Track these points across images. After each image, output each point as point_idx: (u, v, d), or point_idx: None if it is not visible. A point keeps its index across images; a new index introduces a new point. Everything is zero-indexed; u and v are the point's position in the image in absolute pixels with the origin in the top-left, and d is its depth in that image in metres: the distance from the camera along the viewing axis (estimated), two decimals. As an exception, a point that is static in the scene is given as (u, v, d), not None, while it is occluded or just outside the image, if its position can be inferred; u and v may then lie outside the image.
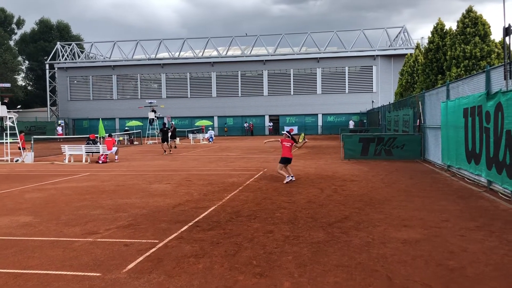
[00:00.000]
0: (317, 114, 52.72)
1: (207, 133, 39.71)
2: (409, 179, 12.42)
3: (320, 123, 52.47)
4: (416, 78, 27.43)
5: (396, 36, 53.00)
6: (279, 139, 12.85)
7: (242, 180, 12.78)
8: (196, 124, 47.85)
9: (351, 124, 48.29)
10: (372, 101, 47.72)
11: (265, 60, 53.03)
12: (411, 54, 30.63)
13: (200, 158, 21.15)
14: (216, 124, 53.98)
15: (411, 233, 6.50)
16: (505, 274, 4.77)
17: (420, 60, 26.93)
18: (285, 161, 12.38)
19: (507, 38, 9.52)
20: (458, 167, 12.62)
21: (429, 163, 16.31)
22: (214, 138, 39.47)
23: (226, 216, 7.95)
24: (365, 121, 48.15)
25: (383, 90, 50.11)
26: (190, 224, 7.37)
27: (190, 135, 40.18)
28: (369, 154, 17.94)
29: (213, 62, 54.15)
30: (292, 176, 12.23)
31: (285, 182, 11.94)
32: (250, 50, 54.56)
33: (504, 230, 6.59)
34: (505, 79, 9.09)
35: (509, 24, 9.31)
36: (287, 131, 13.05)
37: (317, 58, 52.00)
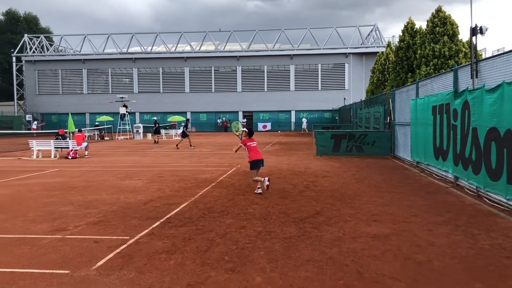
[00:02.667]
0: (290, 111, 53.02)
1: (179, 128, 39.38)
2: (379, 175, 12.65)
3: (293, 119, 52.80)
4: (387, 76, 27.91)
5: (368, 35, 53.74)
6: (241, 143, 10.40)
7: (215, 176, 12.74)
8: (169, 119, 47.37)
9: (304, 122, 49.06)
10: (344, 98, 48.31)
11: (239, 56, 52.91)
12: (382, 52, 31.15)
13: (172, 154, 20.96)
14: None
15: (380, 228, 6.63)
16: (470, 267, 4.93)
17: (391, 58, 27.41)
18: (257, 164, 10.03)
19: (473, 38, 9.80)
20: (426, 163, 12.93)
21: (399, 159, 16.65)
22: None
23: (199, 212, 7.91)
24: (337, 117, 48.73)
25: (355, 87, 50.83)
26: (162, 220, 7.30)
27: (162, 131, 39.79)
28: (340, 151, 18.19)
29: (186, 57, 53.67)
30: (265, 178, 9.85)
31: (259, 191, 9.70)
32: (224, 46, 54.35)
33: (469, 224, 6.80)
34: (471, 77, 9.35)
35: (476, 25, 9.58)
36: (242, 123, 10.74)
37: (290, 55, 52.24)
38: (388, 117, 18.28)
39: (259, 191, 9.69)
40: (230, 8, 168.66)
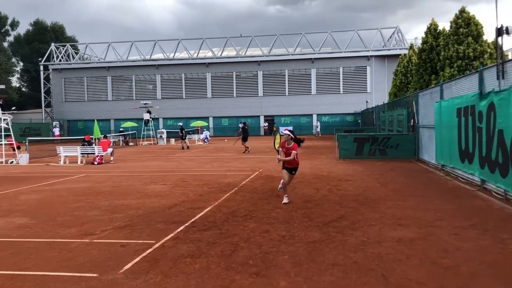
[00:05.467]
0: (312, 115, 52.82)
1: (202, 133, 39.74)
2: (404, 178, 12.50)
3: (315, 123, 52.57)
4: (410, 78, 27.54)
5: (390, 37, 53.22)
6: (280, 148, 9.50)
7: (237, 180, 12.81)
8: (192, 124, 47.81)
9: (318, 126, 49.00)
10: (367, 101, 47.89)
11: (260, 61, 53.07)
12: (405, 54, 30.76)
13: (195, 159, 21.16)
14: (211, 125, 53.96)
15: (406, 232, 6.56)
16: (499, 272, 4.84)
17: (413, 60, 27.06)
18: (292, 170, 9.33)
19: (499, 38, 9.63)
20: (452, 166, 12.71)
21: (423, 162, 16.41)
22: (209, 138, 39.49)
23: (222, 216, 7.98)
24: (359, 121, 48.32)
25: (377, 90, 50.31)
26: (187, 224, 7.40)
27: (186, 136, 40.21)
28: (363, 154, 18.04)
29: (208, 63, 54.14)
30: (286, 196, 9.30)
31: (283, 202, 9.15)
32: (245, 51, 54.61)
33: (498, 229, 6.66)
34: (497, 79, 9.18)
35: (501, 25, 9.41)
36: (288, 130, 9.46)
37: (311, 58, 52.11)
38: (412, 120, 18.05)
39: (285, 200, 9.16)
40: (252, 13, 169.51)
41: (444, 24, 78.15)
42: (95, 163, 19.57)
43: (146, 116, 39.33)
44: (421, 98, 16.89)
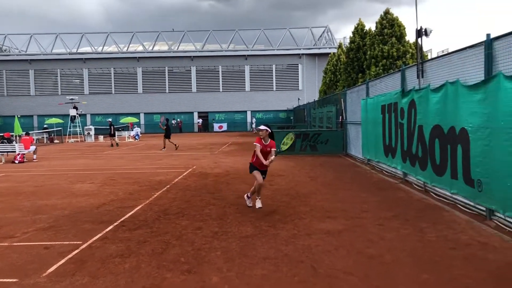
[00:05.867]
0: (246, 111, 53.23)
1: (132, 130, 38.64)
2: (333, 173, 12.96)
3: (249, 119, 53.02)
4: (339, 76, 28.59)
5: (320, 36, 54.86)
6: (258, 145, 7.96)
7: (170, 178, 12.60)
8: (121, 121, 46.28)
9: (253, 122, 49.94)
10: (298, 99, 49.07)
11: (193, 56, 52.56)
12: (334, 53, 31.86)
13: (125, 156, 20.52)
14: (142, 121, 52.60)
15: (334, 224, 6.81)
16: (418, 259, 5.16)
17: (342, 59, 28.11)
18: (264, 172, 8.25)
19: (419, 40, 10.25)
20: (377, 160, 13.37)
21: (351, 157, 17.12)
22: (140, 135, 38.48)
23: (154, 214, 7.81)
24: (292, 117, 49.42)
25: (308, 87, 51.75)
26: (116, 224, 7.16)
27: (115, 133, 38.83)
28: (295, 150, 18.47)
29: (139, 58, 52.72)
30: (258, 199, 8.31)
31: (251, 205, 8.30)
32: (178, 46, 53.79)
33: (418, 218, 7.11)
34: (418, 77, 9.77)
35: (421, 27, 10.02)
36: (264, 126, 8.11)
37: (245, 55, 52.47)
38: (340, 117, 18.75)
39: (258, 205, 8.23)
40: (184, 8, 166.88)
41: (371, 25, 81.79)
42: (16, 161, 18.36)
43: (72, 112, 37.49)
44: (349, 95, 17.59)
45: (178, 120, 52.72)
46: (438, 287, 4.32)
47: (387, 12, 20.78)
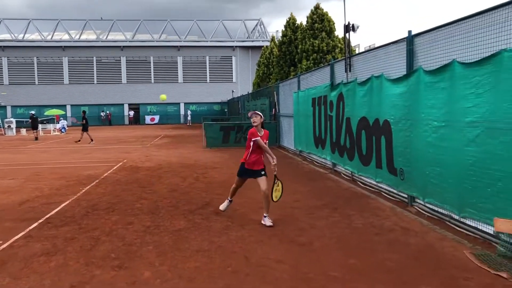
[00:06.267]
0: (179, 103, 52.42)
1: (58, 123, 36.74)
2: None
3: (182, 112, 52.30)
4: (272, 69, 29.00)
5: (254, 29, 55.23)
6: (258, 138, 6.60)
7: (99, 172, 12.15)
8: (46, 113, 43.76)
9: (189, 115, 48.86)
10: (232, 91, 49.17)
11: (123, 46, 50.80)
12: (267, 46, 32.24)
13: (51, 150, 19.47)
14: (69, 114, 50.10)
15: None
16: (345, 245, 5.40)
17: (275, 53, 28.53)
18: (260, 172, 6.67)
19: (347, 35, 10.64)
20: (308, 152, 13.77)
21: (284, 149, 17.48)
22: (67, 128, 36.68)
23: (82, 210, 7.50)
24: (226, 110, 49.41)
25: (242, 80, 51.97)
26: (40, 221, 6.79)
27: (39, 126, 36.71)
28: (230, 142, 18.53)
29: (64, 47, 50.08)
30: (265, 217, 6.38)
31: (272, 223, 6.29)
32: (106, 35, 51.71)
33: (345, 206, 7.43)
34: (346, 71, 10.15)
35: (349, 22, 10.41)
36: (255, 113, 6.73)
37: (177, 46, 51.58)
38: (274, 109, 19.05)
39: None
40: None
41: (302, 19, 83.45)
42: None
43: (-9, 104, 34.86)
44: (281, 88, 17.90)
45: (108, 112, 50.82)
46: (364, 271, 4.55)
47: (317, 7, 21.35)
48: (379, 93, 8.05)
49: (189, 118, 48.40)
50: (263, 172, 6.62)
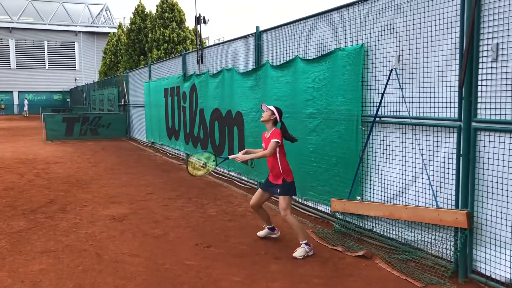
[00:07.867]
0: (12, 92, 46.70)
1: None
2: (116, 157, 12.61)
3: (16, 101, 46.71)
4: (120, 57, 27.77)
5: (99, 14, 51.99)
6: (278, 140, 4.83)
7: None
8: None
9: (25, 104, 43.41)
10: (76, 79, 45.66)
11: None
12: (114, 33, 30.75)
13: None
14: None
15: (118, 209, 6.67)
16: (200, 233, 5.51)
17: (123, 40, 27.37)
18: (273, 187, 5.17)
19: (198, 27, 10.75)
20: (161, 143, 13.58)
21: (135, 141, 16.95)
22: None
23: None
24: (68, 99, 45.70)
25: (87, 68, 48.60)
26: None
27: None
28: (74, 134, 17.25)
29: None
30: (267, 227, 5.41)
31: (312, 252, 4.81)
32: None
33: (199, 196, 7.56)
34: (198, 63, 10.25)
35: (200, 14, 10.53)
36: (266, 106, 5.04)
37: (9, 28, 45.81)
38: (123, 99, 18.29)
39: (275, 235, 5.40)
40: None
41: (152, 7, 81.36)
42: None
43: None
44: (131, 78, 17.27)
45: None
46: (218, 256, 4.71)
47: (167, -4, 21.07)
48: (231, 85, 8.33)
49: (25, 108, 43.34)
50: (278, 190, 5.00)
